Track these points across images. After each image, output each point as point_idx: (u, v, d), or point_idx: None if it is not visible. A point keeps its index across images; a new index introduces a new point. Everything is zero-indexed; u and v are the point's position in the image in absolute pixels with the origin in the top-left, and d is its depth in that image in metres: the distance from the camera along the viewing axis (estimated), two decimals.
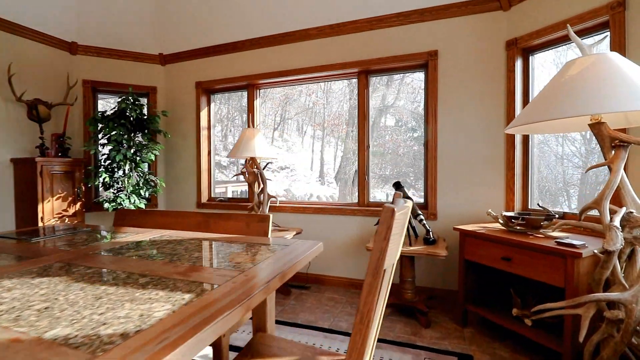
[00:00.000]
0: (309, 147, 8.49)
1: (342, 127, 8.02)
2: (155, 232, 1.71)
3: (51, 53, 3.14)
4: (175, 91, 3.68)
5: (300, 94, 14.20)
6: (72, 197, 3.01)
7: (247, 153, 2.65)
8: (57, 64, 3.20)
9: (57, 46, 3.17)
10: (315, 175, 13.11)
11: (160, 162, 3.73)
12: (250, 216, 1.79)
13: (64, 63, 3.25)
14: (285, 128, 17.68)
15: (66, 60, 3.27)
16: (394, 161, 6.75)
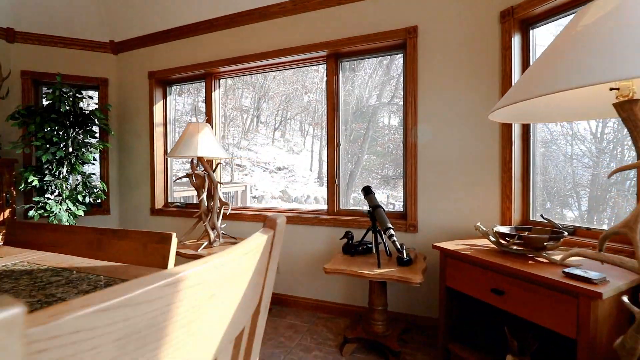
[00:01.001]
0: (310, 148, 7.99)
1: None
2: (24, 254, 1.27)
3: None
4: (128, 83, 3.26)
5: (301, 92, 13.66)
6: (0, 203, 2.61)
7: (188, 152, 2.21)
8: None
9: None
10: (314, 176, 12.70)
11: (113, 164, 3.32)
12: (148, 235, 1.34)
13: (1, 53, 2.86)
14: (287, 128, 17.25)
15: (2, 49, 2.88)
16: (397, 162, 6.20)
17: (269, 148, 15.56)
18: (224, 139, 14.70)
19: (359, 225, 2.32)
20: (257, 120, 15.49)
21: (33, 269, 1.13)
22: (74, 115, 2.73)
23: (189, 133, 2.29)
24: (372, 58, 2.49)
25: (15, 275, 1.08)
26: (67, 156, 2.66)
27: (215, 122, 2.93)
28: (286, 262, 2.59)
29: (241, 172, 13.42)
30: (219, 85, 2.97)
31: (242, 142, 14.67)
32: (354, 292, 2.38)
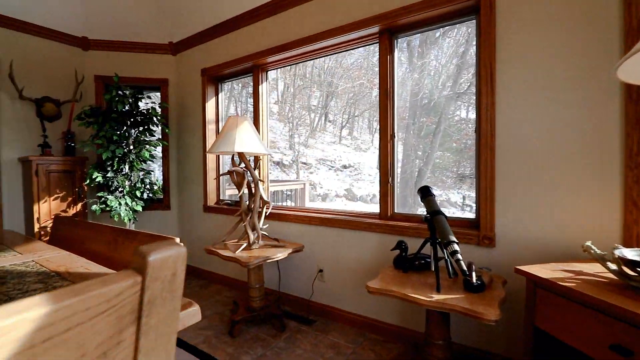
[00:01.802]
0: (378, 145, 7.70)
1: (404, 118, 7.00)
2: (41, 253, 1.22)
3: (62, 50, 3.06)
4: (185, 82, 3.33)
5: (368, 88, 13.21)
6: (72, 198, 2.85)
7: (226, 147, 2.07)
8: (70, 61, 3.11)
9: (68, 42, 3.07)
10: None
11: (173, 161, 3.43)
12: (152, 239, 1.19)
13: (77, 59, 3.15)
14: (354, 126, 16.94)
15: (79, 57, 3.17)
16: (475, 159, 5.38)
17: (336, 146, 15.41)
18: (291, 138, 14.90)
19: (417, 233, 1.91)
20: (325, 119, 15.46)
21: (29, 270, 1.04)
22: (133, 115, 2.84)
23: (228, 127, 2.16)
24: (436, 29, 2.04)
25: (10, 275, 1.00)
26: (126, 154, 2.79)
27: (262, 117, 2.79)
28: (331, 268, 2.30)
29: (307, 170, 13.53)
30: (266, 78, 2.82)
31: (310, 141, 14.78)
32: (411, 314, 1.98)
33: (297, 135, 13.80)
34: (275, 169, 12.57)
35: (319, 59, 2.54)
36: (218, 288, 2.98)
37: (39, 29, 2.88)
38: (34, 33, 2.86)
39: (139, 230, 1.27)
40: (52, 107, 2.95)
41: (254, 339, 2.09)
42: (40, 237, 2.65)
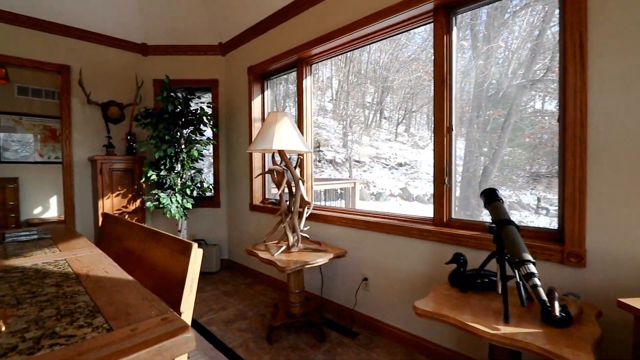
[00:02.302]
0: None
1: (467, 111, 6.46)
2: (76, 251, 1.23)
3: (125, 56, 3.28)
4: (233, 81, 3.36)
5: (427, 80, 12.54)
6: (132, 194, 3.04)
7: (264, 145, 1.98)
8: (131, 66, 3.33)
9: (129, 49, 3.29)
10: None
11: (222, 159, 3.50)
12: (174, 242, 1.11)
13: (138, 65, 3.36)
14: (411, 122, 16.24)
15: (139, 62, 3.38)
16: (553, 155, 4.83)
17: (391, 143, 14.83)
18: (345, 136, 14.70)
19: (480, 245, 1.60)
20: (380, 116, 14.97)
21: (55, 270, 1.02)
22: (184, 115, 2.93)
23: (267, 124, 2.06)
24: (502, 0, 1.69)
25: (36, 275, 0.99)
26: (178, 153, 2.88)
27: (306, 113, 2.66)
28: (377, 277, 2.08)
29: (360, 168, 13.22)
30: (310, 72, 2.68)
31: (363, 138, 14.43)
32: (470, 338, 1.68)
33: (351, 132, 13.55)
34: (327, 167, 12.51)
35: (371, 52, 2.32)
36: (263, 288, 2.94)
37: (105, 39, 3.12)
38: (100, 42, 3.11)
39: (164, 233, 1.20)
40: (116, 110, 3.18)
41: (291, 347, 1.97)
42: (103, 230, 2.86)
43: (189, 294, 1.03)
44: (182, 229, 3.11)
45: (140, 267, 1.30)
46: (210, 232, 3.50)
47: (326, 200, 6.52)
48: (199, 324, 2.27)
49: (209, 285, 3.01)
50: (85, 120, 3.07)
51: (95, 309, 0.76)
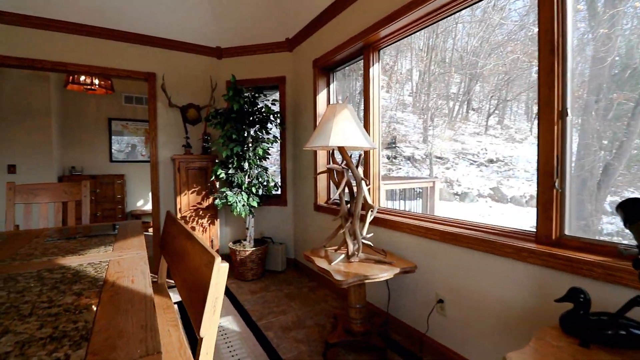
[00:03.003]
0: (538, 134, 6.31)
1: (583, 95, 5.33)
2: (124, 253, 1.22)
3: (201, 61, 3.46)
4: (299, 77, 3.25)
5: (525, 63, 11.07)
6: (205, 192, 3.18)
7: (320, 141, 1.77)
8: (207, 70, 3.49)
9: (205, 54, 3.45)
10: None
11: (289, 158, 3.43)
12: (202, 252, 1.00)
13: (213, 68, 3.51)
14: (505, 112, 14.46)
15: (214, 65, 3.52)
16: None
17: (480, 137, 13.30)
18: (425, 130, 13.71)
19: (609, 277, 1.12)
20: (467, 107, 13.53)
21: (89, 274, 0.99)
22: (251, 114, 2.93)
23: (325, 118, 1.85)
24: None
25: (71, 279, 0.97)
26: (245, 152, 2.89)
27: (373, 104, 2.37)
28: (456, 301, 1.70)
29: (442, 165, 12.12)
30: (378, 59, 2.38)
31: (447, 132, 13.22)
32: None
33: (432, 127, 12.52)
34: (405, 164, 11.76)
35: (457, 38, 1.92)
36: (325, 294, 2.77)
37: (184, 45, 3.32)
38: (180, 49, 3.32)
39: (198, 239, 1.09)
40: (193, 112, 3.37)
41: None
42: None
43: (212, 316, 0.88)
44: (250, 226, 3.13)
45: (180, 272, 1.22)
46: (277, 230, 3.48)
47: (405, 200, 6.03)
48: (257, 327, 2.20)
49: (273, 285, 2.97)
50: (168, 122, 3.32)
51: (88, 334, 0.65)
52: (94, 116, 5.03)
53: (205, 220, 3.17)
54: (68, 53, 2.86)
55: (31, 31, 2.72)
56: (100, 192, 4.76)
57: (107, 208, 4.82)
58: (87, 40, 2.92)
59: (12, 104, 4.07)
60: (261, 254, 3.09)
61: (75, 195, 2.21)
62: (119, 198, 4.88)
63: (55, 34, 2.80)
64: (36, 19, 2.71)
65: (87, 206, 2.23)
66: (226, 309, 2.49)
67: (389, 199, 5.40)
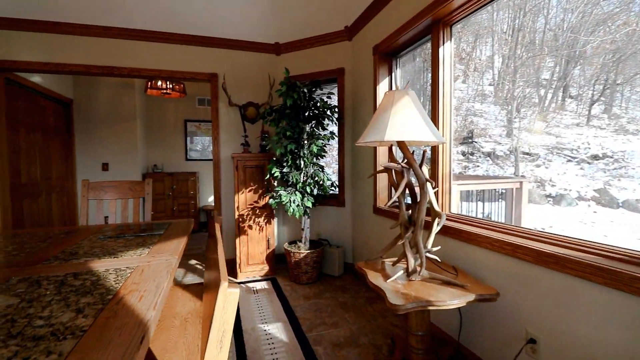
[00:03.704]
0: None
1: None
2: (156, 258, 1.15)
3: (260, 58, 3.43)
4: (358, 67, 2.98)
5: None
6: (262, 190, 3.14)
7: (374, 136, 1.50)
8: (266, 67, 3.45)
9: (264, 51, 3.41)
10: None
11: (347, 155, 3.20)
12: (215, 269, 0.83)
13: (271, 65, 3.46)
14: (614, 99, 12.39)
15: (273, 62, 3.46)
16: None
17: (581, 129, 11.36)
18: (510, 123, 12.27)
19: None
20: (563, 94, 11.64)
21: (107, 283, 0.91)
22: (307, 109, 2.77)
23: (381, 108, 1.57)
24: None
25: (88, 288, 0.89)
26: (299, 149, 2.75)
27: (443, 91, 1.99)
28: (555, 344, 1.27)
29: (530, 162, 10.57)
30: (450, 36, 1.99)
31: (537, 125, 11.54)
32: None
33: (518, 118, 10.98)
34: (484, 161, 10.54)
35: (550, 16, 1.46)
36: (384, 308, 2.47)
37: (244, 44, 3.32)
38: (240, 48, 3.33)
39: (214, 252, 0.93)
40: (253, 111, 3.35)
41: None
42: (239, 223, 3.06)
43: (217, 354, 0.71)
44: (305, 227, 2.99)
45: (208, 282, 1.09)
46: (335, 232, 3.28)
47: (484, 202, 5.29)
48: (305, 339, 2.03)
49: (328, 292, 2.78)
50: (229, 121, 3.36)
51: None
52: (173, 118, 5.48)
53: (261, 219, 3.13)
54: (141, 59, 3.06)
55: (110, 41, 2.98)
56: (176, 188, 5.16)
57: (182, 203, 5.21)
58: (156, 46, 3.09)
59: (106, 110, 4.62)
60: (316, 257, 2.92)
61: (139, 193, 2.32)
62: (192, 194, 5.23)
63: (129, 42, 3.02)
64: (115, 30, 2.94)
65: (149, 203, 2.31)
66: (277, 314, 2.38)
67: (463, 200, 4.77)
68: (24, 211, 3.33)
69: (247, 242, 3.10)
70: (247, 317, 2.33)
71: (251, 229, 3.11)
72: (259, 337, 2.06)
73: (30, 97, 3.51)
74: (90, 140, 4.58)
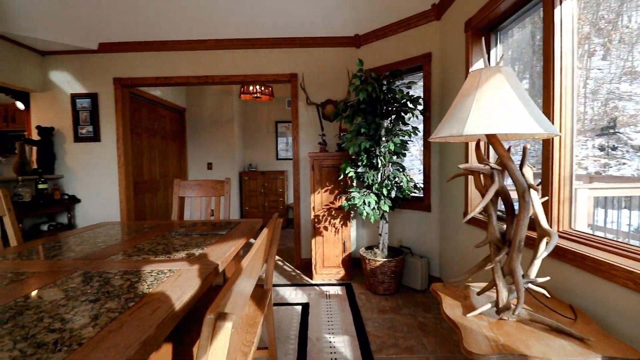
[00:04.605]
0: None
1: None
2: (198, 262, 1.14)
3: (339, 54, 3.29)
4: (448, 49, 2.55)
5: None
6: (338, 191, 3.01)
7: (449, 129, 1.18)
8: (345, 62, 3.29)
9: (343, 45, 3.26)
10: None
11: (435, 153, 2.80)
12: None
13: (351, 59, 3.29)
14: None
15: (353, 56, 3.29)
16: None
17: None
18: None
19: None
20: None
21: (139, 287, 0.90)
22: (385, 103, 2.51)
23: (463, 91, 1.23)
24: None
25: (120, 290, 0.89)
26: (374, 147, 2.51)
27: (561, 66, 1.49)
28: None
29: None
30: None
31: None
32: None
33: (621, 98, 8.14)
34: (634, 157, 8.13)
35: None
36: None
37: (323, 40, 3.23)
38: (318, 45, 3.26)
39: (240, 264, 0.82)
40: (331, 108, 3.25)
41: None
42: (314, 224, 3.00)
43: None
44: (383, 232, 2.73)
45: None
46: (418, 240, 2.92)
47: (630, 210, 4.04)
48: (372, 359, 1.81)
49: (406, 307, 2.47)
50: (308, 120, 3.34)
51: None
52: (265, 120, 5.85)
53: (337, 220, 3.00)
54: (229, 67, 3.28)
55: (205, 53, 3.28)
56: (267, 186, 5.49)
57: (272, 200, 5.51)
58: (241, 54, 3.28)
59: (210, 116, 5.21)
60: (395, 267, 2.64)
61: (220, 192, 2.46)
62: (280, 191, 5.49)
63: (220, 52, 3.27)
64: (210, 42, 3.23)
65: (227, 201, 2.43)
66: (346, 325, 2.21)
67: (599, 207, 3.73)
68: (145, 204, 3.99)
69: (323, 243, 3.02)
70: (314, 323, 2.23)
71: (327, 230, 3.01)
72: (323, 349, 1.93)
73: (151, 107, 4.17)
74: (198, 143, 5.23)
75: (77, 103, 3.38)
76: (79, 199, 3.44)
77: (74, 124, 3.39)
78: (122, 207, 3.42)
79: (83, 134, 3.40)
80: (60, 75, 3.37)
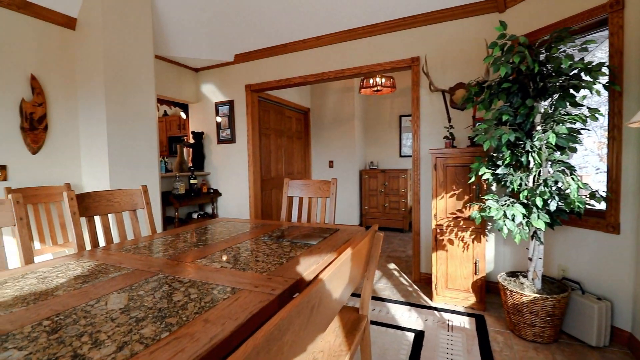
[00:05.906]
0: None
1: None
2: (275, 282, 1.00)
3: (473, 23, 2.64)
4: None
5: None
6: (469, 196, 2.41)
7: None
8: (482, 33, 2.61)
9: (478, 11, 2.59)
10: None
11: (628, 146, 1.86)
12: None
13: (491, 28, 2.58)
14: None
15: (491, 24, 2.58)
16: None
17: None
18: None
19: None
20: None
21: (193, 295, 0.80)
22: (540, 78, 1.81)
23: None
24: None
25: (179, 308, 0.79)
26: (523, 139, 1.84)
27: None
28: None
29: None
30: None
31: None
32: None
33: None
34: None
35: None
36: None
37: (451, 12, 2.65)
38: (446, 18, 2.69)
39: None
40: (461, 93, 2.65)
41: None
42: (436, 235, 2.50)
43: None
44: (535, 257, 2.01)
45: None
46: (595, 273, 2.03)
47: None
48: None
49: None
50: (432, 111, 2.83)
51: None
52: (388, 115, 5.48)
53: (467, 233, 2.41)
54: (344, 60, 3.11)
55: (320, 50, 3.22)
56: (388, 185, 5.13)
57: (393, 200, 5.12)
58: (357, 43, 3.04)
59: (332, 113, 5.23)
60: (554, 307, 1.89)
61: (325, 193, 2.30)
62: (403, 192, 5.03)
63: (335, 45, 3.15)
64: (325, 37, 3.14)
65: (333, 203, 2.25)
66: None
67: None
68: (272, 199, 4.30)
69: (447, 259, 2.49)
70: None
71: (452, 244, 2.46)
72: None
73: (278, 109, 4.45)
74: (321, 141, 5.34)
75: (219, 110, 3.90)
76: (221, 193, 3.98)
77: (217, 128, 3.93)
78: (250, 202, 3.76)
79: (223, 136, 3.90)
80: (208, 87, 3.96)
